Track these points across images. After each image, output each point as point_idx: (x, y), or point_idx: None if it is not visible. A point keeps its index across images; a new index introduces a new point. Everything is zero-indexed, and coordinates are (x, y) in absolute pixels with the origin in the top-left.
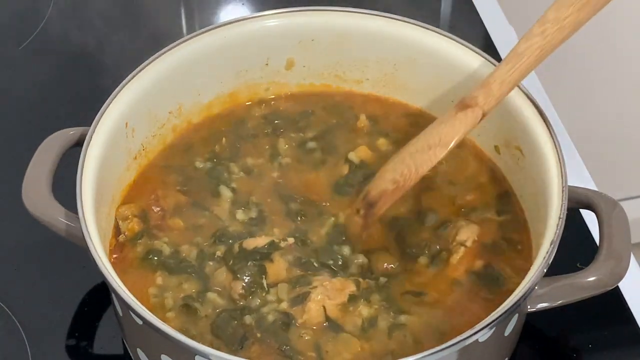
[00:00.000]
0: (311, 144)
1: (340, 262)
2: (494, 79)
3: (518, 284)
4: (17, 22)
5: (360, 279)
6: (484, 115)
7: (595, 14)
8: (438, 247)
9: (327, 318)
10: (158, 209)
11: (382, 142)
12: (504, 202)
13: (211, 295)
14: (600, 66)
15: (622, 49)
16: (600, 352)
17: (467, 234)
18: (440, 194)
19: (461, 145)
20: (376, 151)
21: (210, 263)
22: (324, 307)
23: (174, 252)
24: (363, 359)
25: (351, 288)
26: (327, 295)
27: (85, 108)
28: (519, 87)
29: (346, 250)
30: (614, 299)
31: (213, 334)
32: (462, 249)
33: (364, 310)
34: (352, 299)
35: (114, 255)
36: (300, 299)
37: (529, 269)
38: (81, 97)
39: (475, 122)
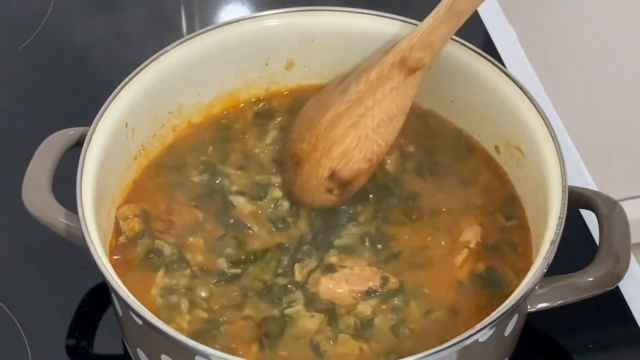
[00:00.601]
0: None
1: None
2: (437, 37)
3: (519, 285)
4: (17, 22)
5: (390, 276)
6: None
7: None
8: (441, 248)
9: (333, 303)
10: (162, 213)
11: None
12: (507, 203)
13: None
14: (601, 66)
15: (622, 48)
16: (600, 352)
17: (470, 235)
18: (442, 195)
19: (460, 147)
20: None
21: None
22: (335, 290)
23: (175, 250)
24: (363, 358)
25: (375, 282)
26: (347, 279)
27: (85, 108)
28: (518, 87)
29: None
30: (614, 299)
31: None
32: (466, 250)
33: (368, 309)
34: (370, 292)
35: (116, 256)
36: (322, 268)
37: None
38: (81, 97)
39: (420, 82)
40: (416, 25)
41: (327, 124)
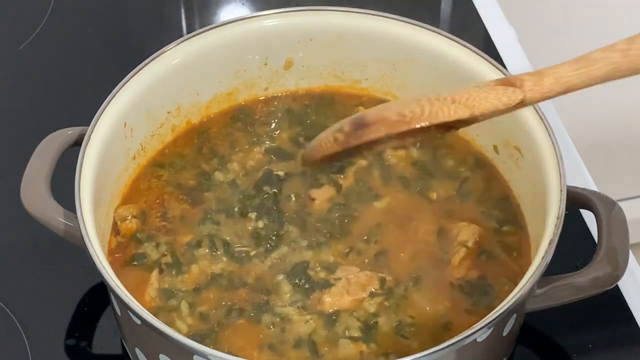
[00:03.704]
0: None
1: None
2: (550, 72)
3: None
4: (17, 22)
5: (387, 277)
6: (523, 102)
7: None
8: (439, 247)
9: (337, 311)
10: (159, 213)
11: None
12: (505, 203)
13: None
14: None
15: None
16: (600, 352)
17: (468, 234)
18: (439, 194)
19: (460, 147)
20: None
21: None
22: (339, 304)
23: (172, 251)
24: (361, 358)
25: (375, 285)
26: (347, 290)
27: (84, 107)
28: None
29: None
30: (614, 299)
31: None
32: (464, 249)
33: (372, 309)
34: (373, 296)
35: (116, 255)
36: (320, 286)
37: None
38: (80, 97)
39: (511, 103)
40: (416, 25)
41: None
